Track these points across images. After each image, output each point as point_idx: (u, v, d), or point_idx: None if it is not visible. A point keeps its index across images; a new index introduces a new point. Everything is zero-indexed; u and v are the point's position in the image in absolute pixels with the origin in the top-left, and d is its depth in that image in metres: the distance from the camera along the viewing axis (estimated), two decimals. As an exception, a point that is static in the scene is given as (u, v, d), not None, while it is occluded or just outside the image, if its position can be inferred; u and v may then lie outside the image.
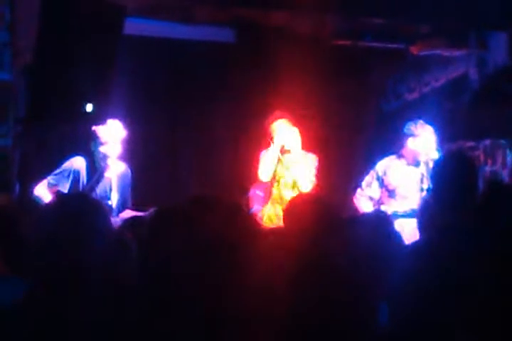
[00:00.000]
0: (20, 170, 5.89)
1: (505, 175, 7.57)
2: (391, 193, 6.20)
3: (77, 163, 5.77)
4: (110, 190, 5.75)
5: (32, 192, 5.72)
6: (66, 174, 5.72)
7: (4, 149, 5.99)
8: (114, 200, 5.74)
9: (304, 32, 7.51)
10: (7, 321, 2.30)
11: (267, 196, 6.42)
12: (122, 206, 5.80)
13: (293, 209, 3.82)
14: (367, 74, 8.26)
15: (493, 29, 7.45)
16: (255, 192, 6.84)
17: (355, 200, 6.26)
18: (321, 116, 8.17)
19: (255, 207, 6.54)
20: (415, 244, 3.03)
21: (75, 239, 2.38)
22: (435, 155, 6.05)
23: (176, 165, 8.02)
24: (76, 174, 5.73)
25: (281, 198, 6.34)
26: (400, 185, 6.18)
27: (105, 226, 2.43)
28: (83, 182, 5.75)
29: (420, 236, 4.09)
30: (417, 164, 6.19)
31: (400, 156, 6.24)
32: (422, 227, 4.12)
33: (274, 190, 6.40)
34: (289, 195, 6.27)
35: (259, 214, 6.37)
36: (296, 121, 6.45)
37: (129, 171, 5.94)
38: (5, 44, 5.81)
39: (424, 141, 6.12)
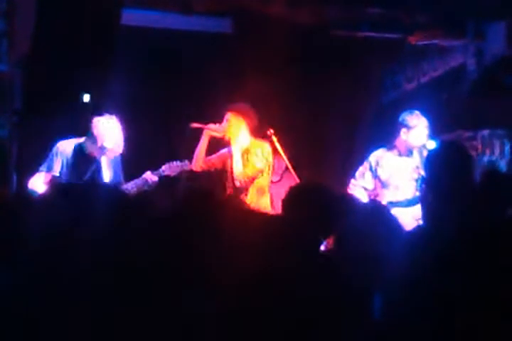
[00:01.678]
0: (17, 162, 5.90)
1: (503, 165, 7.57)
2: (384, 184, 6.23)
3: (62, 146, 5.75)
4: (101, 171, 5.75)
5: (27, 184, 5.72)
6: (53, 159, 5.71)
7: (1, 140, 6.00)
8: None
9: (302, 22, 7.49)
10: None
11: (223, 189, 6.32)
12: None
13: (294, 197, 3.80)
14: (365, 65, 8.24)
15: (491, 19, 7.44)
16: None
17: (349, 190, 6.28)
18: (318, 107, 8.17)
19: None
20: (410, 233, 3.03)
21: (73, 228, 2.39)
22: (430, 144, 6.07)
23: (173, 156, 8.01)
24: (61, 157, 5.72)
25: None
26: (392, 175, 6.21)
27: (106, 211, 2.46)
28: (71, 164, 5.73)
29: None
30: (409, 154, 6.21)
31: (393, 147, 6.26)
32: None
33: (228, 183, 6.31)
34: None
35: None
36: (249, 111, 6.31)
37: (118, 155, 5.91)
38: (1, 34, 5.81)
39: (416, 133, 6.14)
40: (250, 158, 6.19)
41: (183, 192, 3.55)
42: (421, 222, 5.67)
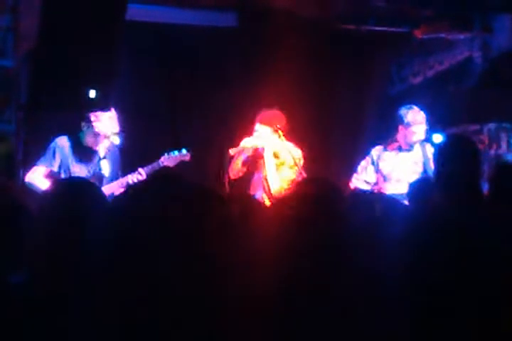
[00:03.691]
0: (23, 156, 5.92)
1: (509, 159, 7.57)
2: (386, 177, 6.33)
3: (61, 141, 5.79)
4: (101, 166, 5.79)
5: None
6: (51, 154, 5.75)
7: (7, 135, 6.01)
8: (106, 175, 5.79)
9: (308, 16, 7.49)
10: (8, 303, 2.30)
11: None
12: (115, 180, 5.85)
13: (301, 193, 3.79)
14: (371, 58, 8.24)
15: (497, 12, 7.43)
16: (259, 177, 6.81)
17: (351, 184, 6.36)
18: (324, 101, 8.16)
19: (258, 193, 6.53)
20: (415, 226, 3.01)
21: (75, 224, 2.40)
22: (437, 138, 6.11)
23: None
24: (61, 152, 5.75)
25: None
26: (394, 169, 6.30)
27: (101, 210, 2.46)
28: (72, 158, 5.76)
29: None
30: (410, 148, 6.28)
31: (394, 141, 6.34)
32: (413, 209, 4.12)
33: None
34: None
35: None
36: (281, 116, 6.37)
37: (116, 146, 5.95)
38: (7, 29, 5.82)
39: (414, 129, 6.20)
40: (282, 168, 6.30)
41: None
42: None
